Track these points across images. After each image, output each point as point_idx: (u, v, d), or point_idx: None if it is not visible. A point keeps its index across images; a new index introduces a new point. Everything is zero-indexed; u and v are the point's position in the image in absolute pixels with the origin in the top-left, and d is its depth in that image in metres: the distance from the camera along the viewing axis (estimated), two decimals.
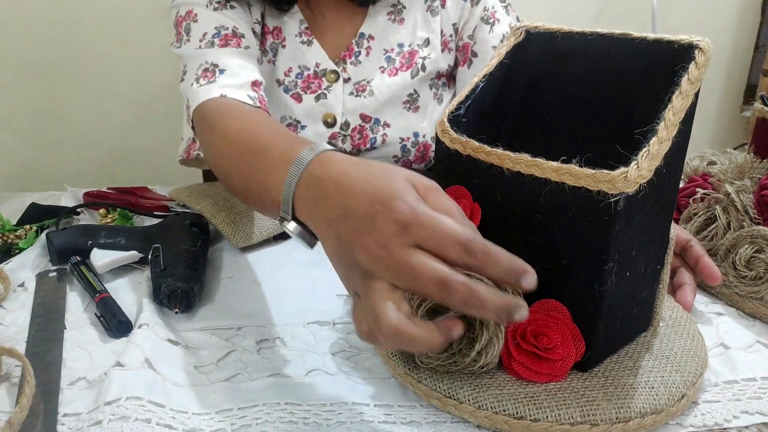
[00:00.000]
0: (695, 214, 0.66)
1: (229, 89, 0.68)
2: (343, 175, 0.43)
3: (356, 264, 0.40)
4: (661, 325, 0.53)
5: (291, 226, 0.46)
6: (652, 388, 0.46)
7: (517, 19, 0.92)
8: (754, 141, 0.69)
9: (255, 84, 0.71)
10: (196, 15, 0.76)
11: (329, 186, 0.43)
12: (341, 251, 0.41)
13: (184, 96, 0.74)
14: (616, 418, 0.43)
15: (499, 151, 0.48)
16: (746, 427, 0.46)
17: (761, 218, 0.61)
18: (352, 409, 0.47)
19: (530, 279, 0.39)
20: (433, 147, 0.92)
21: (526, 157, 0.46)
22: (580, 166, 0.43)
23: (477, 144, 0.49)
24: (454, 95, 0.94)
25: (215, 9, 0.76)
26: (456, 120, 0.54)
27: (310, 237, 0.46)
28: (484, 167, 0.49)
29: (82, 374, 0.51)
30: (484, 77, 0.55)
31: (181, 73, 0.76)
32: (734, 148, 0.81)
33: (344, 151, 0.89)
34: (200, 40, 0.74)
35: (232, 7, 0.78)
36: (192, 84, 0.70)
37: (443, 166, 0.54)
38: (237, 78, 0.70)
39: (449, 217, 0.39)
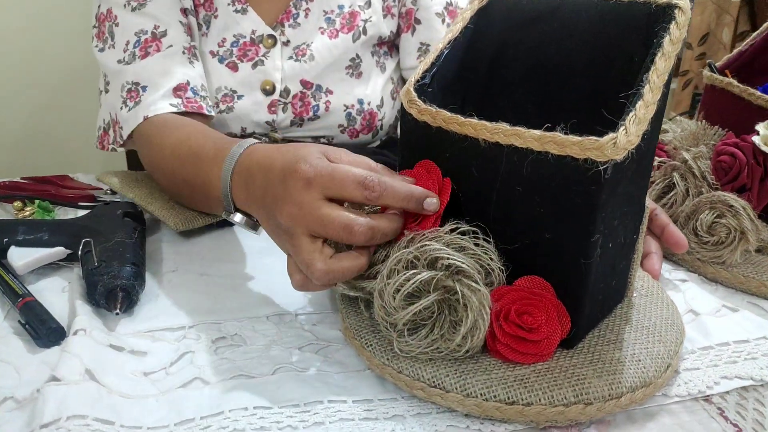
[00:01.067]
0: (653, 182, 0.66)
1: (151, 107, 0.70)
2: (264, 158, 0.50)
3: (280, 228, 0.46)
4: (634, 295, 0.53)
5: (237, 218, 0.53)
6: (639, 360, 0.44)
7: None
8: (704, 108, 0.70)
9: (177, 89, 0.72)
10: (116, 17, 0.74)
11: (255, 170, 0.50)
12: (270, 222, 0.48)
13: (110, 113, 0.75)
14: (609, 395, 0.42)
15: (474, 121, 0.44)
16: (727, 392, 0.46)
17: (719, 184, 0.61)
18: (328, 408, 0.43)
19: (432, 202, 0.46)
20: (380, 116, 0.88)
21: (504, 126, 0.43)
22: (565, 133, 0.40)
23: (449, 114, 0.46)
24: (398, 64, 0.91)
25: (133, 9, 0.74)
26: (421, 89, 0.50)
27: (254, 223, 0.53)
28: (456, 139, 0.46)
29: (9, 393, 0.44)
30: (448, 44, 0.52)
31: (102, 81, 0.76)
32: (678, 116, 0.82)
33: (278, 137, 0.87)
34: (124, 51, 0.73)
35: None
36: (121, 108, 0.72)
37: (410, 140, 0.50)
38: (158, 90, 0.71)
39: (352, 165, 0.46)
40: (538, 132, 0.41)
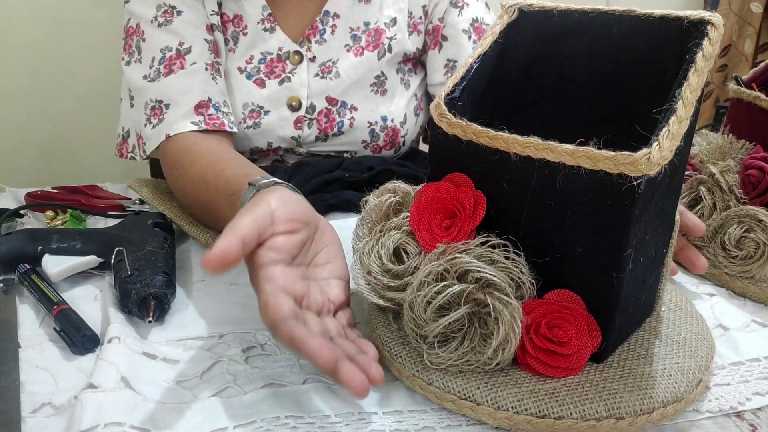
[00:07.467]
0: None
1: (174, 125, 0.72)
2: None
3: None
4: (663, 309, 0.53)
5: None
6: (670, 375, 0.44)
7: (486, 5, 0.90)
8: (730, 121, 0.70)
9: (199, 106, 0.73)
10: (143, 33, 0.76)
11: None
12: None
13: (134, 128, 0.79)
14: (640, 410, 0.42)
15: (505, 134, 0.45)
16: (759, 408, 0.46)
17: (747, 198, 0.61)
18: (360, 419, 0.44)
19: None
20: (402, 132, 0.89)
21: (536, 140, 0.43)
22: (598, 148, 0.41)
23: (479, 128, 0.46)
24: (423, 78, 0.91)
25: (160, 25, 0.75)
26: (451, 103, 0.50)
27: None
28: (487, 153, 0.46)
29: (46, 399, 0.44)
30: (478, 57, 0.52)
31: (127, 95, 0.79)
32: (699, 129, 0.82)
33: (308, 141, 0.88)
34: (150, 67, 0.75)
35: (179, 12, 0.75)
36: (145, 125, 0.74)
37: (440, 153, 0.51)
38: (180, 108, 0.73)
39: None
40: (570, 146, 0.42)
